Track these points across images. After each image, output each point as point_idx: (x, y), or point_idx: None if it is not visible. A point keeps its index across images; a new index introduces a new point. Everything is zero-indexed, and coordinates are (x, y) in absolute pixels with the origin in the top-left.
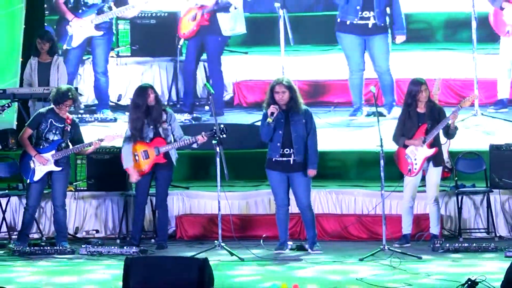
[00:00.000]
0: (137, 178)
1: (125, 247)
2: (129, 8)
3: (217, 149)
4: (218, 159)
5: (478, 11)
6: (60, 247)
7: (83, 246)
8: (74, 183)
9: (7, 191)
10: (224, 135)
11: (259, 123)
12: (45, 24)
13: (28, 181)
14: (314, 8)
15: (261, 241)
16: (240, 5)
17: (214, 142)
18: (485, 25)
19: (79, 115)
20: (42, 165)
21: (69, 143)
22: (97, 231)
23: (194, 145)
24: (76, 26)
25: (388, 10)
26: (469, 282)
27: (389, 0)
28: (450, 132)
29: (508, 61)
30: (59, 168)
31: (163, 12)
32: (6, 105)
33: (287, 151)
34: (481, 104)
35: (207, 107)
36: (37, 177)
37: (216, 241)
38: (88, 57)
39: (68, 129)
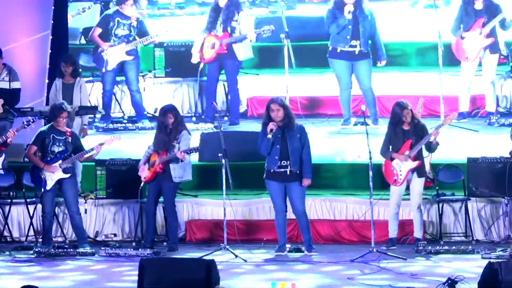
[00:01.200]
0: (140, 172)
1: (140, 249)
2: (153, 36)
3: (223, 161)
4: (223, 170)
5: (443, 41)
6: (82, 249)
7: (102, 248)
8: (94, 191)
9: (34, 199)
10: (195, 152)
11: None
12: (90, 52)
13: (42, 190)
14: (312, 39)
15: (262, 244)
16: (253, 37)
17: (220, 154)
18: (449, 52)
19: (124, 124)
20: (52, 173)
21: (72, 153)
22: (115, 235)
23: (179, 161)
24: (110, 53)
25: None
26: (449, 281)
27: (371, 32)
28: (432, 147)
29: (467, 81)
30: (68, 175)
31: (190, 42)
32: (31, 120)
33: (284, 163)
34: (446, 115)
35: (226, 118)
36: (49, 186)
37: (221, 244)
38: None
39: (69, 140)
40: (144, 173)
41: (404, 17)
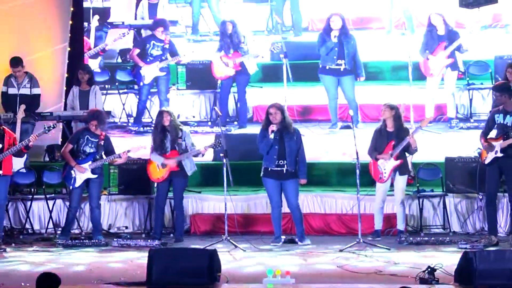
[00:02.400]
0: (173, 163)
1: (149, 240)
2: (181, 56)
3: (224, 160)
4: (224, 169)
5: (413, 60)
6: (96, 240)
7: (115, 239)
8: (108, 188)
9: (53, 194)
10: (219, 147)
11: None
12: (125, 69)
13: (70, 187)
14: (307, 58)
15: (260, 235)
16: (264, 54)
17: (221, 155)
18: (417, 69)
19: (151, 127)
20: (81, 173)
21: (103, 155)
22: (126, 227)
23: (200, 156)
24: (146, 70)
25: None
26: (429, 269)
27: (354, 53)
28: (410, 150)
29: (432, 93)
30: (95, 176)
31: (207, 61)
32: (52, 125)
33: (281, 162)
34: (415, 121)
35: (235, 122)
36: (77, 183)
37: (223, 236)
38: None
39: (102, 143)
40: (160, 172)
41: (381, 42)
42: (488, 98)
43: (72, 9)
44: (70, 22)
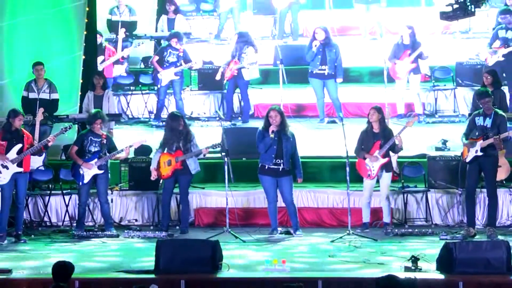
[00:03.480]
0: (153, 177)
1: (157, 232)
2: (193, 64)
3: (225, 159)
4: (226, 166)
5: (388, 65)
6: (108, 232)
7: (125, 231)
8: (119, 184)
9: (69, 190)
10: (219, 148)
11: None
12: (147, 73)
13: (80, 183)
14: (300, 62)
15: (258, 227)
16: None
17: (222, 153)
18: (389, 74)
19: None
20: (89, 169)
21: (107, 152)
22: (136, 220)
23: (201, 155)
24: (163, 74)
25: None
26: (413, 258)
27: (336, 58)
28: (395, 149)
29: (401, 93)
30: (102, 171)
31: (215, 66)
32: (68, 126)
33: (278, 161)
34: (391, 116)
35: (239, 118)
36: (86, 180)
37: (224, 228)
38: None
39: (104, 142)
40: (154, 173)
41: (361, 49)
42: (450, 97)
43: (86, 20)
44: (85, 32)
